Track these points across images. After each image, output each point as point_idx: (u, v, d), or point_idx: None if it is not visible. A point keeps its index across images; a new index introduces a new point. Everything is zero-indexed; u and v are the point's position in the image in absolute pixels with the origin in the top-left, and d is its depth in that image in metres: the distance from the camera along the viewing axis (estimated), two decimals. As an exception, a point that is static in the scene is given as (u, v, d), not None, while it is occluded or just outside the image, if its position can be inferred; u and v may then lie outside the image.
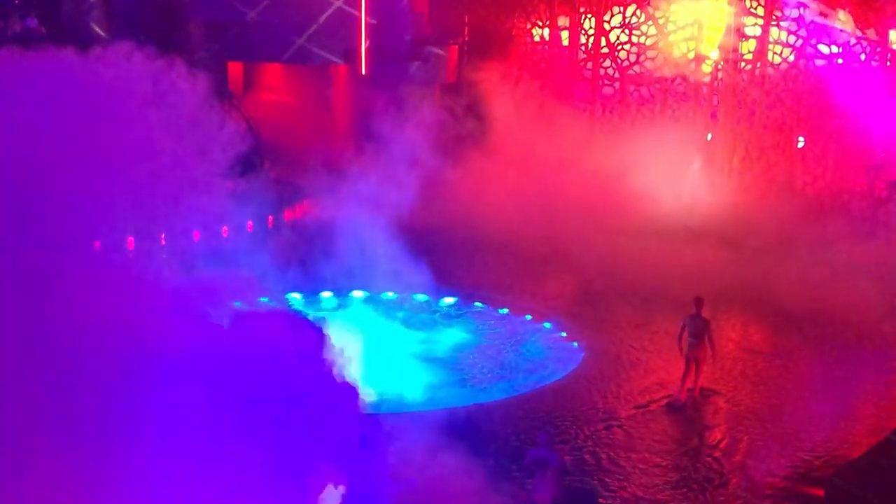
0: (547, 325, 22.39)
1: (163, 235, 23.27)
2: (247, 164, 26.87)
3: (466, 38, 34.01)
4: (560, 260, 24.71)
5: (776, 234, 26.47)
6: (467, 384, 19.22)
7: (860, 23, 27.25)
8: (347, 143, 24.66)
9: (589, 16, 32.30)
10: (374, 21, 32.11)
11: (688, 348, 18.26)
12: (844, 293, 22.48)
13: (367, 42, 32.18)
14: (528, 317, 22.76)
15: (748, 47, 29.53)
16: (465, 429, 15.41)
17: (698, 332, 18.18)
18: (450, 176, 26.58)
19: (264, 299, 21.62)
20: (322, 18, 32.32)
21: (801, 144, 28.94)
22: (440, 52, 32.73)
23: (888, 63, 27.49)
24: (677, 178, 29.39)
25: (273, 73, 34.31)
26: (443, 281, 22.73)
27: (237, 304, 12.43)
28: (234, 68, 33.62)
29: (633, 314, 22.53)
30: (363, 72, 32.25)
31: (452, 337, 21.54)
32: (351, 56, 32.15)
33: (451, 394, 18.58)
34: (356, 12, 32.02)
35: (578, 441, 16.50)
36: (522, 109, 29.79)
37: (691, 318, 18.26)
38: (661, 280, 23.65)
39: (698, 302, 18.26)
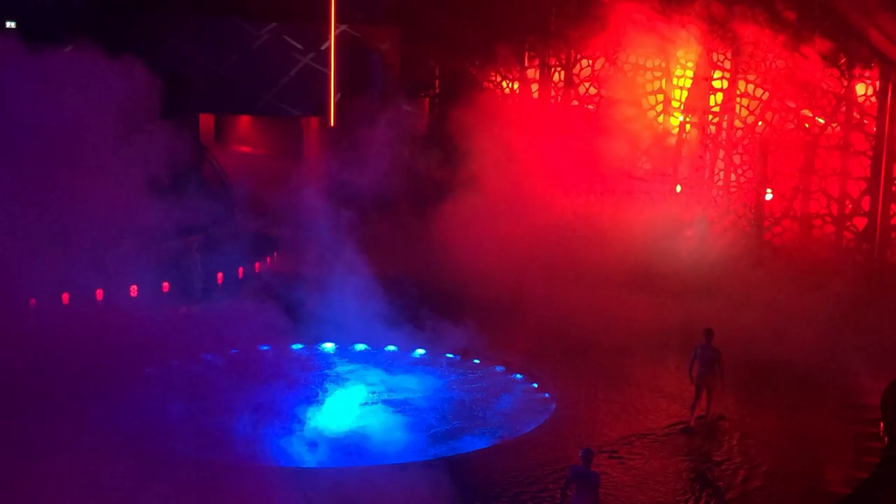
0: (518, 375, 22.37)
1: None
2: (218, 215, 27.10)
3: (437, 91, 34.28)
4: (530, 311, 24.76)
5: (744, 284, 26.77)
6: (439, 436, 19.12)
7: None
8: (318, 194, 24.70)
9: (559, 69, 32.72)
10: (343, 75, 32.34)
11: (699, 377, 18.98)
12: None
13: (337, 95, 32.38)
14: (500, 368, 22.75)
15: (715, 100, 29.88)
16: (438, 481, 15.33)
17: (709, 361, 18.88)
18: (421, 226, 26.65)
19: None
20: (292, 72, 32.57)
21: (769, 196, 29.18)
22: (411, 103, 32.95)
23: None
24: (648, 230, 29.59)
25: (244, 126, 34.42)
26: (414, 332, 22.75)
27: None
28: (206, 120, 33.70)
29: (603, 364, 22.59)
30: (332, 124, 32.41)
31: (423, 388, 21.46)
32: (321, 109, 32.33)
33: (422, 445, 18.49)
34: (326, 67, 32.27)
35: (557, 490, 16.41)
36: (493, 161, 29.94)
37: (702, 348, 18.97)
38: (630, 330, 23.94)
39: (709, 333, 18.94)
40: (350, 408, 19.93)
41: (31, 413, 15.65)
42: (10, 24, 32.15)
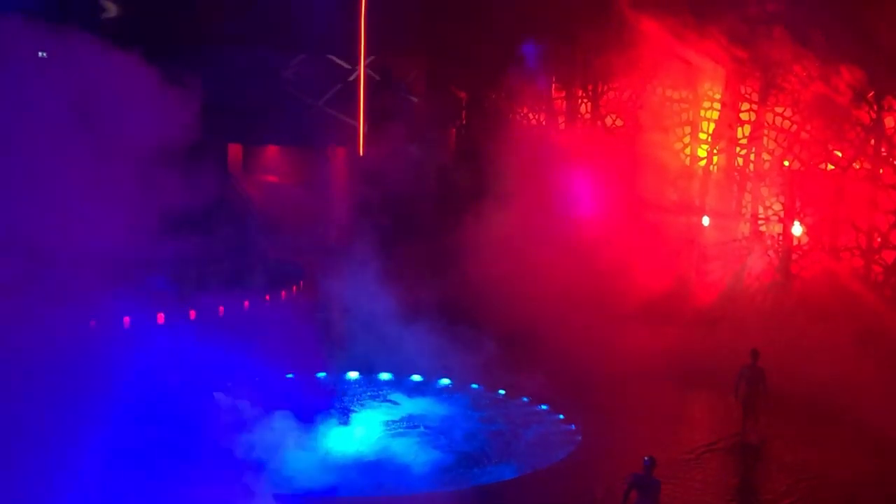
0: (543, 406, 22.29)
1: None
2: (245, 244, 27.24)
3: (463, 121, 34.38)
4: (555, 340, 24.71)
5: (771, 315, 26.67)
6: (466, 465, 19.04)
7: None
8: (345, 223, 24.81)
9: (585, 100, 32.78)
10: (371, 105, 32.52)
11: (745, 397, 19.89)
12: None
13: (366, 125, 32.56)
14: (525, 398, 22.68)
15: (743, 132, 29.82)
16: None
17: (754, 380, 19.78)
18: (447, 255, 26.69)
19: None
20: (321, 102, 32.76)
21: (797, 229, 29.02)
22: (438, 134, 33.07)
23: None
24: (674, 262, 29.54)
25: (272, 155, 34.63)
26: (438, 362, 22.72)
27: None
28: (234, 150, 33.93)
29: (628, 394, 22.55)
30: (361, 153, 32.56)
31: (449, 418, 21.40)
32: (349, 139, 32.50)
33: (449, 475, 18.42)
34: (354, 98, 32.47)
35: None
36: (518, 190, 29.95)
37: (748, 368, 19.86)
38: (654, 359, 23.90)
39: (755, 353, 19.88)
40: (375, 437, 19.89)
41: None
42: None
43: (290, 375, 22.71)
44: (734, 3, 28.02)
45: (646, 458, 14.36)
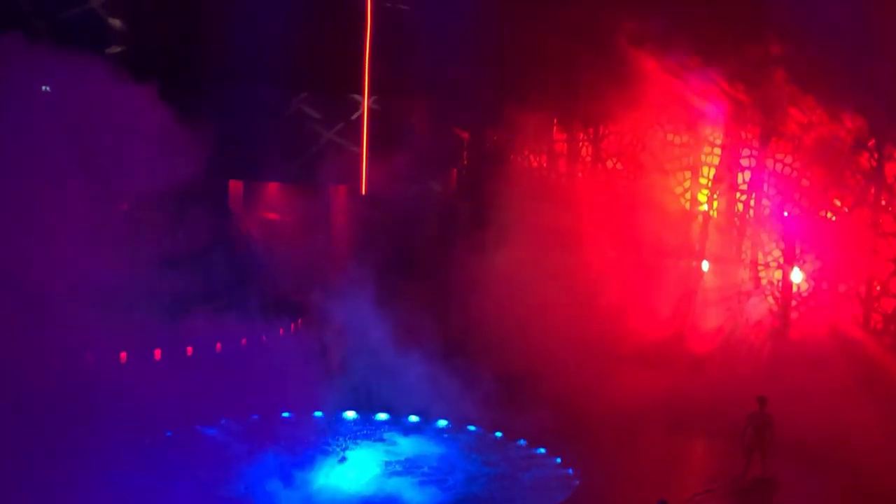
0: (541, 450, 22.20)
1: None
2: (244, 281, 27.20)
3: (465, 162, 34.47)
4: (552, 383, 24.64)
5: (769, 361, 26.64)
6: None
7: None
8: (346, 261, 24.81)
9: (586, 143, 32.86)
10: (374, 144, 32.62)
11: (751, 441, 20.23)
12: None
13: (367, 164, 32.64)
14: (522, 441, 22.58)
15: (743, 178, 29.87)
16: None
17: (762, 426, 20.18)
18: (448, 294, 26.69)
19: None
20: (323, 140, 32.86)
21: (796, 275, 29.02)
22: (439, 173, 33.17)
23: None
24: (673, 306, 29.53)
25: (273, 192, 34.66)
26: (436, 402, 22.66)
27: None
28: (235, 187, 33.97)
29: (624, 438, 22.50)
30: (363, 192, 32.62)
31: (446, 460, 21.31)
32: (351, 177, 32.57)
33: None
34: (357, 136, 32.58)
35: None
36: (518, 232, 29.98)
37: (755, 414, 20.25)
38: (650, 403, 23.84)
39: (762, 400, 20.31)
40: (370, 478, 19.79)
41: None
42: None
43: (286, 414, 22.62)
44: (737, 44, 28.16)
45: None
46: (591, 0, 29.25)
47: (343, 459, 20.61)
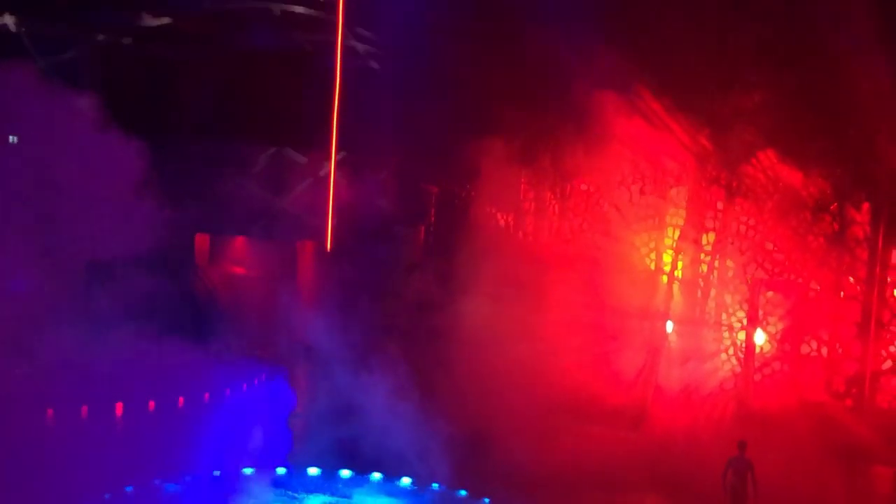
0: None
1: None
2: (208, 336, 27.01)
3: (432, 221, 34.56)
4: (515, 443, 24.56)
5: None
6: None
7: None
8: (312, 316, 24.72)
9: (553, 203, 33.02)
10: (341, 200, 32.65)
11: (732, 488, 20.73)
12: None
13: (334, 220, 32.66)
14: (486, 500, 22.47)
15: (707, 239, 30.10)
16: None
17: (741, 472, 20.64)
18: (408, 351, 26.60)
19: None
20: (290, 196, 32.90)
21: (759, 337, 29.18)
22: (406, 230, 33.23)
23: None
24: (635, 365, 29.62)
25: (239, 246, 34.59)
26: (399, 459, 22.54)
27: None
28: (201, 240, 33.87)
29: (589, 498, 22.46)
30: (328, 249, 32.60)
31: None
32: (318, 234, 32.56)
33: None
34: (324, 193, 32.62)
35: None
36: (480, 289, 29.99)
37: (736, 459, 20.79)
38: (609, 463, 23.85)
39: (742, 445, 20.87)
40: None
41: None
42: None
43: (249, 471, 22.39)
44: (705, 95, 28.48)
45: None
46: (563, 54, 29.47)
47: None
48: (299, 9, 33.95)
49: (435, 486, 23.02)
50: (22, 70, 22.13)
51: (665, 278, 30.96)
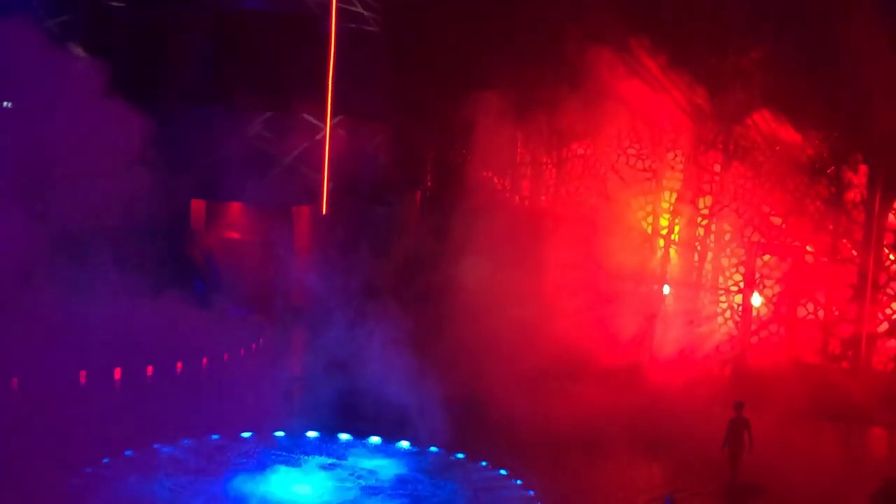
0: (502, 471, 22.15)
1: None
2: (204, 301, 27.06)
3: (429, 185, 34.50)
4: (513, 405, 24.63)
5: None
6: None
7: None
8: (308, 281, 24.75)
9: (550, 166, 32.97)
10: (337, 165, 32.56)
11: (731, 446, 20.83)
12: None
13: (330, 184, 32.57)
14: (484, 463, 22.53)
15: (704, 202, 30.10)
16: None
17: (738, 431, 20.78)
18: (406, 317, 26.60)
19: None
20: (286, 161, 32.78)
21: (756, 300, 29.24)
22: (402, 196, 33.17)
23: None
24: (631, 328, 29.69)
25: (235, 212, 34.52)
26: (395, 424, 22.59)
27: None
28: (197, 206, 33.79)
29: (585, 460, 22.53)
30: (324, 213, 32.53)
31: (407, 482, 21.20)
32: (313, 198, 32.49)
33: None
34: (320, 157, 32.51)
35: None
36: (478, 256, 29.99)
37: (733, 420, 20.88)
38: (610, 426, 23.85)
39: (738, 405, 20.93)
40: (330, 498, 19.65)
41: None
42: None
43: (247, 434, 22.45)
44: (705, 51, 28.36)
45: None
46: (559, 9, 29.31)
47: (301, 481, 20.47)
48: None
49: (433, 448, 23.08)
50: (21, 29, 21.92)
51: (662, 241, 31.01)
